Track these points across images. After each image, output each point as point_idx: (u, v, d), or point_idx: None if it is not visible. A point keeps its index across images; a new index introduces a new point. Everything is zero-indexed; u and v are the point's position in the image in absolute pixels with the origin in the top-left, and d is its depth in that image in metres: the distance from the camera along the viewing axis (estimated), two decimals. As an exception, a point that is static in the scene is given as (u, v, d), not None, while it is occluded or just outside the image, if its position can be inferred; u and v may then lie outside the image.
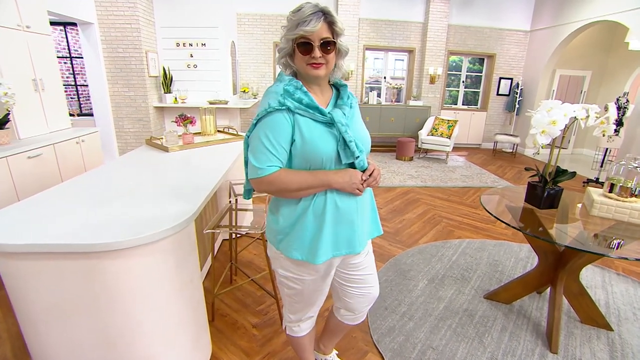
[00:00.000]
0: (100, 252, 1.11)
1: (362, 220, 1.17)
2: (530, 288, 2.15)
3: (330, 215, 1.08)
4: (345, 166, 1.08)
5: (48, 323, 1.21)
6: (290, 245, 1.11)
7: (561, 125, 1.85)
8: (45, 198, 1.51)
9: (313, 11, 0.99)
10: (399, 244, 3.06)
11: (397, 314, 2.11)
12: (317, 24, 0.99)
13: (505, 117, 7.73)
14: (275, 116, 1.00)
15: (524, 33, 7.23)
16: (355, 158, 1.04)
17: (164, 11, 5.28)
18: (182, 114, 2.63)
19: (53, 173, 3.07)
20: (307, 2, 1.02)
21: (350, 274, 1.29)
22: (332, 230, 1.10)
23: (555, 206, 2.03)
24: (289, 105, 1.00)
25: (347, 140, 1.02)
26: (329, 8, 1.03)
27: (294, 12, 1.02)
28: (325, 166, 1.05)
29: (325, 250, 1.10)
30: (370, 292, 1.34)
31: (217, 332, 1.93)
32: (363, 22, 6.75)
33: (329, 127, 1.04)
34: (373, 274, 1.34)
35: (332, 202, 1.08)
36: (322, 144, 1.03)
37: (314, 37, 1.00)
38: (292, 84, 1.03)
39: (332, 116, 1.03)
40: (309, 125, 1.02)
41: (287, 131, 1.01)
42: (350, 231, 1.13)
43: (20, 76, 3.09)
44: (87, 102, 6.68)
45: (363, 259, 1.28)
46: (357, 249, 1.16)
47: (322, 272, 1.20)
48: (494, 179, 5.27)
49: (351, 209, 1.11)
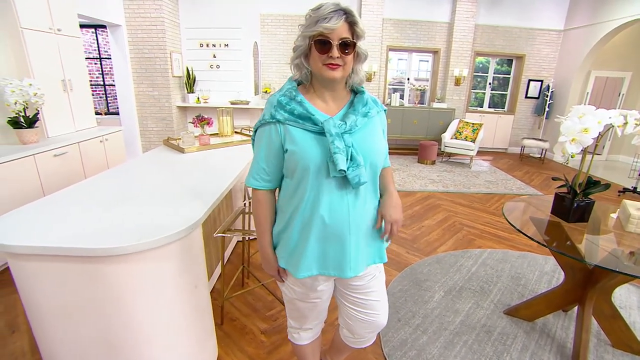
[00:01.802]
0: (102, 256, 1.11)
1: (356, 243, 1.07)
2: (555, 306, 2.02)
3: (317, 230, 1.03)
4: (335, 179, 1.00)
5: (54, 322, 1.23)
6: (279, 252, 1.14)
7: (594, 134, 1.71)
8: (57, 199, 1.54)
9: (335, 9, 0.94)
10: (416, 252, 2.97)
11: (411, 326, 2.03)
12: (338, 22, 0.93)
13: (534, 120, 7.39)
14: (265, 129, 1.04)
15: (556, 32, 6.89)
16: (339, 172, 0.95)
17: (189, 12, 5.38)
18: (199, 115, 2.64)
19: (77, 171, 3.18)
20: (327, 1, 0.96)
21: (352, 296, 1.20)
22: (318, 246, 1.06)
23: (585, 220, 1.89)
24: (279, 117, 1.00)
25: (331, 152, 0.96)
26: (351, 8, 0.97)
27: (314, 9, 0.97)
28: (313, 176, 1.00)
29: (308, 265, 1.07)
30: (374, 320, 1.22)
31: (225, 337, 1.92)
32: (387, 22, 6.64)
33: (323, 137, 0.99)
34: (380, 300, 1.21)
35: (320, 216, 1.02)
36: (310, 153, 0.98)
37: (333, 35, 0.94)
38: (286, 95, 1.02)
39: (323, 126, 0.98)
40: (299, 135, 1.00)
41: (275, 145, 1.03)
42: (340, 252, 1.06)
43: (51, 77, 3.22)
44: (115, 101, 6.92)
45: (367, 283, 1.17)
46: (347, 273, 1.08)
47: (309, 287, 1.15)
48: (520, 186, 5.04)
49: (342, 228, 1.03)
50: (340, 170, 0.95)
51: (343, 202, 1.02)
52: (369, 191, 1.08)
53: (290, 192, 1.06)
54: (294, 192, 1.04)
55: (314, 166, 0.98)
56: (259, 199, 1.12)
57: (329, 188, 1.01)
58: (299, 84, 1.09)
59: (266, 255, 1.17)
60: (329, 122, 0.97)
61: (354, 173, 0.97)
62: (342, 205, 1.02)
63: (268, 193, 1.12)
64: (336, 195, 1.01)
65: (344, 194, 1.02)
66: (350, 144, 0.98)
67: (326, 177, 1.00)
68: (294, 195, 1.04)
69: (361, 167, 0.98)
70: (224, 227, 1.87)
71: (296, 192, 1.04)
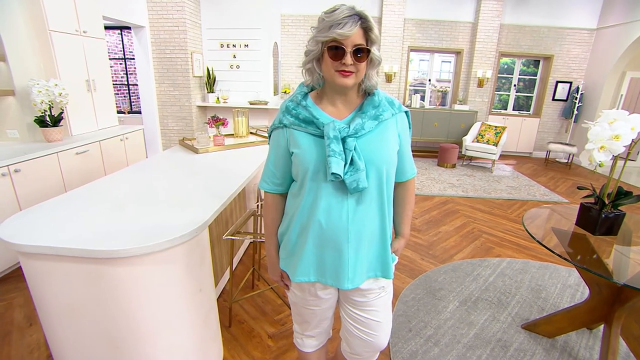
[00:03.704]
0: (106, 258, 1.12)
1: (356, 253, 1.02)
2: (578, 324, 1.90)
3: (314, 235, 1.01)
4: (334, 183, 0.97)
5: (61, 320, 1.25)
6: (280, 253, 1.14)
7: (626, 141, 1.59)
8: (69, 199, 1.57)
9: (349, 14, 0.89)
10: (431, 259, 2.88)
11: (422, 337, 1.96)
12: (352, 28, 0.89)
13: (561, 124, 7.07)
14: (274, 134, 1.06)
15: (588, 32, 6.55)
16: (332, 175, 0.91)
17: (210, 13, 5.45)
18: (214, 115, 2.66)
19: (98, 168, 3.27)
20: (342, 4, 0.91)
21: (352, 311, 1.16)
22: (315, 251, 1.04)
23: (614, 233, 1.76)
24: (285, 122, 1.02)
25: (326, 155, 0.93)
26: (366, 13, 0.92)
27: (327, 12, 0.91)
28: (311, 179, 0.98)
29: (305, 271, 1.06)
30: (371, 340, 1.16)
31: (232, 339, 1.91)
32: (408, 22, 6.52)
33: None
34: (381, 322, 1.15)
35: (317, 220, 0.99)
36: (308, 156, 0.97)
37: (347, 42, 0.90)
38: (294, 100, 1.03)
39: (323, 129, 0.96)
40: (303, 138, 1.00)
41: (283, 149, 1.04)
42: (338, 260, 1.02)
43: (75, 77, 3.33)
44: (138, 100, 7.12)
45: (370, 301, 1.12)
46: (344, 285, 1.04)
47: (307, 292, 1.13)
48: (544, 192, 4.82)
49: (339, 235, 1.00)
50: (333, 173, 0.91)
51: (342, 207, 0.99)
52: (374, 198, 1.02)
53: (294, 194, 1.07)
54: (297, 195, 1.05)
55: (312, 169, 0.97)
56: (269, 203, 1.13)
57: (327, 192, 0.98)
58: (312, 89, 1.06)
59: (271, 259, 1.18)
60: (329, 125, 0.94)
61: (351, 178, 0.93)
62: (341, 210, 0.99)
63: (278, 197, 1.12)
64: (335, 199, 0.98)
65: (344, 199, 0.99)
66: (352, 147, 0.94)
67: (324, 180, 0.97)
68: (297, 198, 1.05)
69: (361, 172, 0.94)
70: (234, 229, 1.86)
71: (298, 194, 1.04)
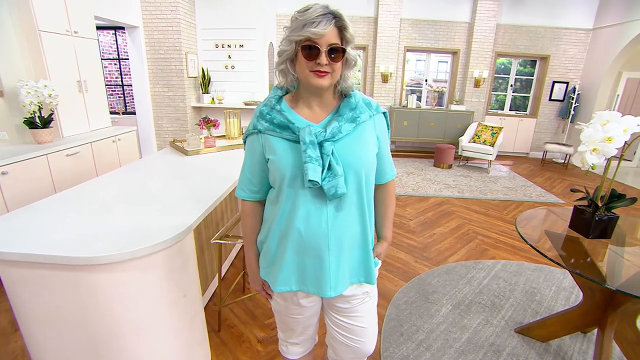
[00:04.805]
0: (85, 265, 1.09)
1: (337, 259, 0.99)
2: (571, 327, 1.87)
3: (293, 243, 0.98)
4: (312, 189, 0.94)
5: (40, 329, 1.22)
6: (260, 262, 1.11)
7: (619, 143, 1.57)
8: (54, 202, 1.54)
9: (323, 12, 0.86)
10: (425, 261, 2.85)
11: (414, 341, 1.93)
12: (327, 27, 0.86)
13: (558, 124, 7.06)
14: (249, 140, 1.03)
15: (585, 32, 6.55)
16: (309, 182, 0.88)
17: (205, 13, 5.41)
18: (205, 117, 2.63)
19: (89, 170, 3.23)
20: (316, 3, 0.89)
21: (336, 318, 1.13)
22: (295, 259, 1.00)
23: (607, 236, 1.74)
24: (259, 127, 0.98)
25: (302, 161, 0.90)
26: (340, 12, 0.89)
27: (300, 11, 0.89)
28: (289, 186, 0.95)
29: (286, 279, 1.02)
30: (357, 347, 1.14)
31: (221, 344, 1.88)
32: (405, 22, 6.49)
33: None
34: (366, 327, 1.13)
35: (296, 228, 0.96)
36: (285, 163, 0.94)
37: (321, 41, 0.87)
38: (267, 104, 0.99)
39: (299, 134, 0.92)
40: (278, 144, 0.96)
41: (258, 155, 1.01)
42: (319, 268, 0.99)
43: (66, 78, 3.29)
44: (133, 101, 7.07)
45: (353, 307, 1.09)
46: (326, 293, 1.01)
47: (289, 301, 1.10)
48: (540, 193, 4.81)
49: (319, 242, 0.97)
50: (310, 180, 0.88)
51: (322, 214, 0.96)
52: (353, 203, 0.99)
53: (272, 201, 1.04)
54: (275, 202, 1.02)
55: (289, 175, 0.94)
56: (246, 211, 1.10)
57: (305, 199, 0.95)
58: (288, 91, 1.03)
59: (251, 269, 1.14)
60: (305, 130, 0.91)
61: (330, 184, 0.90)
62: (321, 217, 0.96)
63: (255, 205, 1.10)
64: (314, 206, 0.95)
65: (323, 206, 0.95)
66: (330, 152, 0.91)
67: (302, 187, 0.94)
68: (274, 205, 1.02)
69: (339, 177, 0.91)
70: (222, 233, 1.83)
71: (276, 201, 1.01)
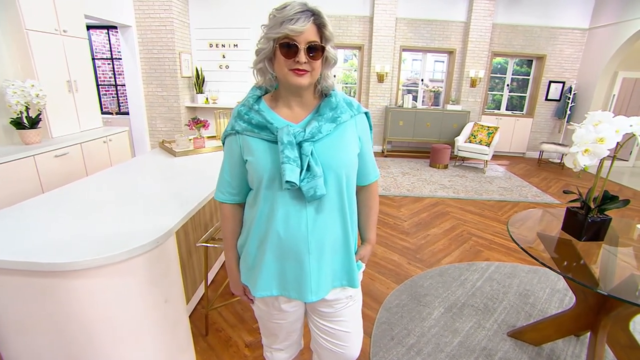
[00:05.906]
0: (59, 271, 1.05)
1: (318, 263, 0.97)
2: (564, 331, 1.85)
3: (273, 246, 0.95)
4: (291, 191, 0.91)
5: (13, 337, 1.18)
6: (240, 266, 1.08)
7: (611, 144, 1.55)
8: (34, 205, 1.49)
9: (301, 9, 0.84)
10: (418, 263, 2.82)
11: (404, 345, 1.90)
12: (305, 24, 0.83)
13: (554, 124, 7.05)
14: (227, 141, 1.01)
15: (580, 31, 6.54)
16: (286, 183, 0.86)
17: (199, 12, 5.37)
18: (194, 117, 2.59)
19: (79, 171, 3.18)
20: (294, 0, 0.86)
21: (320, 323, 1.10)
22: (275, 263, 0.97)
23: (600, 239, 1.71)
24: (237, 128, 0.96)
25: (280, 162, 0.87)
26: (319, 9, 0.87)
27: (278, 9, 0.86)
28: (267, 188, 0.93)
29: (267, 284, 0.99)
30: (342, 352, 1.12)
31: (208, 349, 1.84)
32: (400, 21, 6.47)
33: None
34: (350, 332, 1.11)
35: (275, 231, 0.94)
36: (262, 164, 0.92)
37: (300, 38, 0.84)
38: (245, 104, 0.97)
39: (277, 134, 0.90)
40: (256, 145, 0.94)
41: (236, 156, 0.99)
42: (299, 272, 0.96)
43: (55, 78, 3.24)
44: (126, 101, 7.01)
45: (337, 311, 1.07)
46: (308, 297, 0.98)
47: (271, 306, 1.06)
48: (536, 193, 4.79)
49: (299, 245, 0.94)
50: (287, 181, 0.86)
51: (301, 216, 0.93)
52: (334, 205, 0.96)
53: (251, 204, 1.01)
54: (253, 204, 0.99)
55: (267, 177, 0.91)
56: (226, 214, 1.07)
57: (284, 201, 0.92)
58: (267, 91, 1.00)
59: (232, 273, 1.11)
60: (283, 130, 0.88)
61: (308, 185, 0.88)
62: (300, 220, 0.93)
63: (235, 207, 1.06)
64: (293, 208, 0.92)
65: (302, 208, 0.92)
66: (309, 152, 0.88)
67: (280, 189, 0.91)
68: (253, 207, 0.99)
69: (318, 178, 0.89)
70: (208, 236, 1.80)
71: (254, 204, 0.98)
